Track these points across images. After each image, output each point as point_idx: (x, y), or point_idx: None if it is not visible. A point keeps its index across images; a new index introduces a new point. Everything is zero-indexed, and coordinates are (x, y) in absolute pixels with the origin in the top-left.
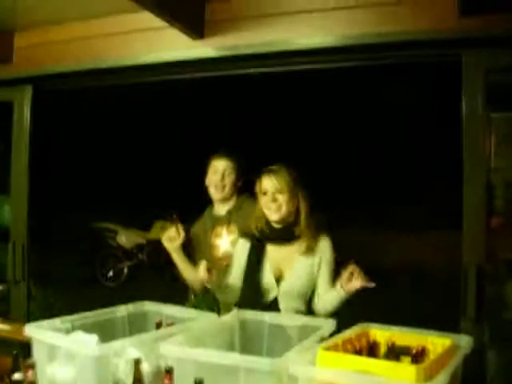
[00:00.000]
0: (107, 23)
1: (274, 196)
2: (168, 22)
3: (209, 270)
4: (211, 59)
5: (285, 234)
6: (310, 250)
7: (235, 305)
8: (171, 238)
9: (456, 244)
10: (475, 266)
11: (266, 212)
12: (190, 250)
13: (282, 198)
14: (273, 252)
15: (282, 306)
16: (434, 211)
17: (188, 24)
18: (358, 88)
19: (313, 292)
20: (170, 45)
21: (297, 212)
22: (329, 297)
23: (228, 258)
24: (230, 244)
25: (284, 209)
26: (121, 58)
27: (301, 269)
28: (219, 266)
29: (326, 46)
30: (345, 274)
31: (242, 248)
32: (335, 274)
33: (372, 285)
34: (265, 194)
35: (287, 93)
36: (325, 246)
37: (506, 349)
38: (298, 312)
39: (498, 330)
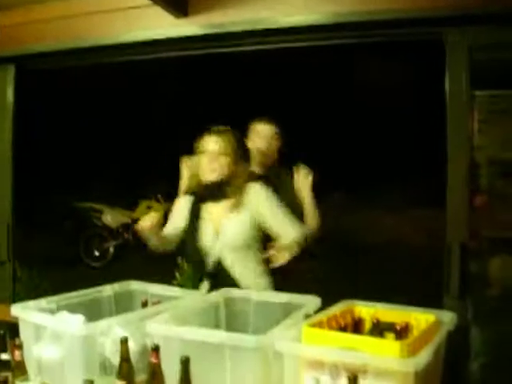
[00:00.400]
0: (89, 2)
1: (213, 156)
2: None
3: (153, 225)
4: (195, 37)
5: (221, 192)
6: (238, 206)
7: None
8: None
9: (440, 222)
10: (459, 243)
11: (205, 172)
12: None
13: (223, 160)
14: (209, 208)
15: (226, 261)
16: (418, 189)
17: (171, 2)
18: (342, 66)
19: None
20: (153, 23)
21: (232, 174)
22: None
23: None
24: None
25: (221, 170)
26: (102, 36)
27: (233, 222)
28: None
29: (310, 24)
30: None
31: (184, 203)
32: None
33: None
34: (204, 153)
35: (272, 70)
36: (257, 195)
37: (489, 325)
38: (247, 263)
39: (480, 307)
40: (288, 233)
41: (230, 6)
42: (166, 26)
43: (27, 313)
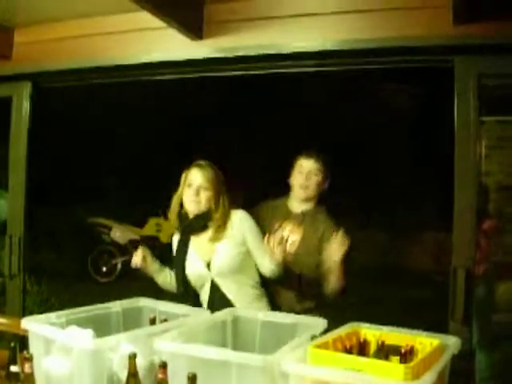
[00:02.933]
0: (107, 22)
1: (197, 190)
2: (167, 22)
3: (144, 258)
4: (209, 60)
5: (200, 225)
6: (220, 232)
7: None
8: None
9: (446, 246)
10: (464, 268)
11: (187, 203)
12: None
13: (205, 194)
14: (196, 241)
15: (222, 288)
16: (425, 213)
17: (186, 25)
18: (353, 91)
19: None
20: (169, 45)
21: (214, 207)
22: (265, 263)
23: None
24: (288, 242)
25: (204, 204)
26: (118, 56)
27: (221, 248)
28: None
29: (322, 50)
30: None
31: (174, 241)
32: None
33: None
34: (189, 186)
35: (281, 93)
36: (241, 221)
37: (494, 350)
38: (243, 287)
39: (485, 332)
40: (263, 265)
41: (245, 30)
42: (181, 49)
43: (37, 326)
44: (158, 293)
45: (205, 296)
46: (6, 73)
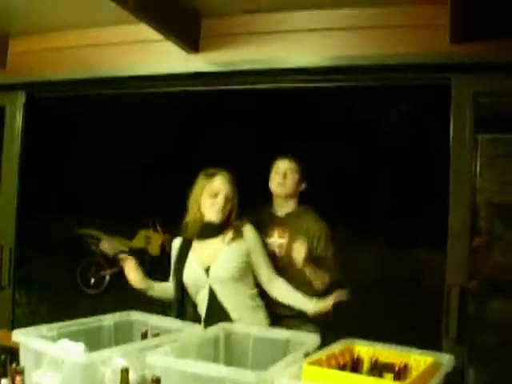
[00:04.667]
0: (103, 33)
1: (226, 198)
2: (163, 35)
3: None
4: (205, 73)
5: (216, 231)
6: (235, 239)
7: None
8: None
9: (439, 263)
10: (458, 286)
11: (209, 211)
12: None
13: (230, 203)
14: (198, 247)
15: (219, 295)
16: (419, 230)
17: (183, 38)
18: (349, 107)
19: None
20: (165, 58)
21: (230, 215)
22: (293, 297)
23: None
24: (277, 246)
25: (227, 210)
26: (114, 68)
27: (226, 254)
28: None
29: (318, 66)
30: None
31: (174, 247)
32: None
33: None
34: (215, 195)
35: (278, 109)
36: (250, 234)
37: (487, 368)
38: (240, 296)
39: (479, 349)
40: (261, 275)
41: (241, 44)
42: (177, 61)
43: (28, 339)
44: (147, 305)
45: (201, 304)
46: (0, 82)
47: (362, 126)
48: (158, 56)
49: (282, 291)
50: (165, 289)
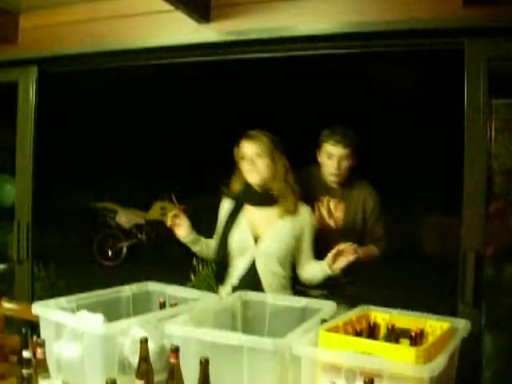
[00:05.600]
0: (112, 5)
1: (252, 160)
2: (173, 5)
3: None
4: (216, 43)
5: (265, 197)
6: (289, 213)
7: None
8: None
9: (456, 228)
10: (474, 251)
11: (247, 176)
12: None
13: (261, 162)
14: (253, 213)
15: (259, 267)
16: (434, 196)
17: (193, 8)
18: (363, 74)
19: (296, 258)
20: (175, 28)
21: (273, 175)
22: (313, 270)
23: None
24: (329, 218)
25: (263, 172)
26: (125, 40)
27: (279, 231)
28: None
29: (330, 33)
30: (331, 254)
31: (223, 207)
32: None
33: (357, 256)
34: (243, 158)
35: (291, 76)
36: (306, 215)
37: (502, 333)
38: (277, 276)
39: (495, 315)
40: (301, 259)
41: (252, 13)
42: (187, 32)
43: (48, 311)
44: (164, 276)
45: (237, 271)
46: (12, 57)
47: (376, 94)
48: (168, 27)
49: (310, 269)
50: (210, 246)
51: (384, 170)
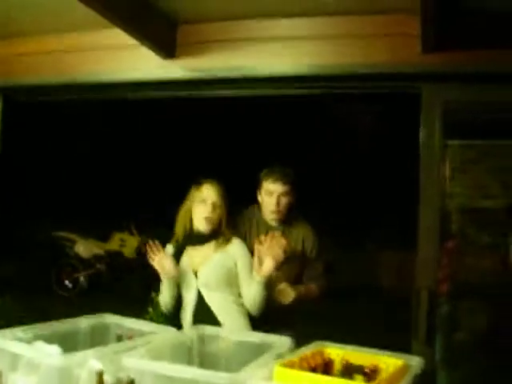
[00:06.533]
0: (80, 39)
1: (214, 205)
2: (139, 40)
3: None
4: (181, 80)
5: (204, 238)
6: (222, 247)
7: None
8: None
9: (409, 266)
10: (427, 289)
11: (201, 220)
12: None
13: (219, 209)
14: (192, 252)
15: (206, 296)
16: (389, 234)
17: (159, 43)
18: (322, 114)
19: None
20: (141, 64)
21: (225, 224)
22: (249, 289)
23: None
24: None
25: (217, 218)
26: (91, 74)
27: (214, 261)
28: None
29: (292, 74)
30: (254, 260)
31: (167, 252)
32: None
33: (283, 247)
34: (203, 201)
35: (251, 117)
36: (238, 247)
37: (457, 369)
38: (227, 301)
39: (449, 351)
40: (244, 292)
41: (218, 51)
42: (153, 67)
43: (4, 342)
44: (122, 307)
45: (190, 306)
46: None
47: (333, 134)
48: (134, 62)
49: (247, 290)
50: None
51: (340, 210)
